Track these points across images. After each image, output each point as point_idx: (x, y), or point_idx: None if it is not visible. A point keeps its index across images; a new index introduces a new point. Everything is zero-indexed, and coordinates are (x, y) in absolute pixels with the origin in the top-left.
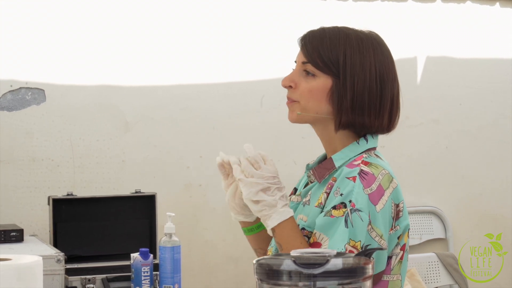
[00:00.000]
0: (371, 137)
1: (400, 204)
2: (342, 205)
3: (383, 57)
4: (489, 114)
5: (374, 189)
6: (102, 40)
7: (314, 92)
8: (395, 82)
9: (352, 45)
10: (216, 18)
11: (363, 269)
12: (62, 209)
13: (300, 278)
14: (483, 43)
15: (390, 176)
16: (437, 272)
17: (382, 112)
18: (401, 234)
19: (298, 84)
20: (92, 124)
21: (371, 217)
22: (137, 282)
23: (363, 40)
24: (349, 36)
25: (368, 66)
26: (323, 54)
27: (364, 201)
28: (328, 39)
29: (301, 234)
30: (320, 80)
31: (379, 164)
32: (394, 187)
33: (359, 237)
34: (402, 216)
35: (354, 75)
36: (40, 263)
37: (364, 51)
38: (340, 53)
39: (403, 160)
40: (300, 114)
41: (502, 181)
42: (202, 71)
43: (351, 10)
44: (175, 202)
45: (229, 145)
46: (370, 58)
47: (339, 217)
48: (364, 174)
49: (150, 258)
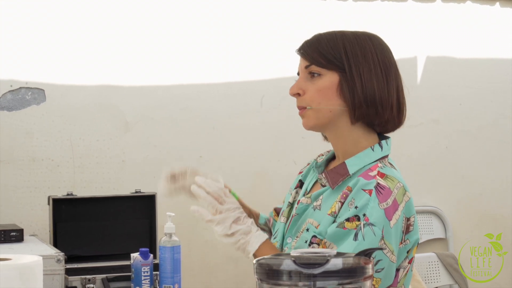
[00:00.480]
0: (386, 143)
1: (411, 218)
2: (356, 218)
3: (382, 47)
4: (489, 114)
5: (389, 204)
6: (102, 40)
7: (323, 91)
8: (398, 71)
9: (350, 40)
10: (216, 18)
11: (363, 269)
12: (62, 209)
13: (300, 278)
14: (483, 43)
15: (404, 190)
16: (437, 272)
17: (391, 100)
18: (410, 248)
19: (305, 89)
20: (92, 124)
21: (385, 232)
22: (137, 282)
23: (359, 35)
24: (344, 33)
25: (370, 55)
26: (324, 52)
27: (379, 216)
28: (325, 39)
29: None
30: (326, 77)
31: (394, 176)
32: (407, 200)
33: None
34: (413, 230)
35: (358, 65)
36: (40, 263)
37: (362, 43)
38: (340, 48)
39: (403, 160)
40: (314, 119)
41: (502, 181)
42: (202, 71)
43: (351, 10)
44: (175, 202)
45: (229, 145)
46: (370, 48)
47: (351, 230)
48: (380, 188)
49: (150, 258)
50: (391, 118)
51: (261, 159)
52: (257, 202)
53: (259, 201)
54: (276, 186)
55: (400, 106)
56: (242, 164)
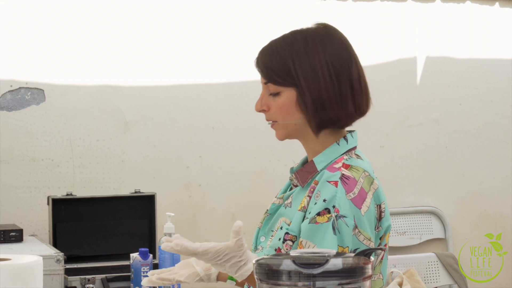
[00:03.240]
0: (351, 136)
1: (382, 205)
2: (326, 211)
3: (333, 48)
4: (489, 114)
5: (356, 193)
6: (102, 40)
7: (284, 108)
8: (353, 66)
9: (298, 51)
10: (216, 18)
11: (362, 269)
12: (61, 209)
13: (299, 278)
14: (483, 43)
15: (370, 178)
16: (437, 272)
17: (344, 100)
18: (383, 235)
19: (269, 105)
20: (92, 124)
21: (357, 221)
22: (137, 282)
23: (308, 41)
24: (295, 42)
25: (318, 65)
26: (276, 70)
27: (347, 207)
28: (276, 54)
29: None
30: (285, 94)
31: (359, 166)
32: (376, 188)
33: (346, 242)
34: (384, 217)
35: (307, 79)
36: (40, 263)
37: (310, 52)
38: (289, 63)
39: (403, 160)
40: (283, 132)
41: (502, 181)
42: (202, 71)
43: (351, 10)
44: (174, 202)
45: (229, 145)
46: (319, 56)
47: (324, 223)
48: (345, 178)
49: (150, 258)
50: (350, 115)
51: (261, 159)
52: (257, 202)
53: (259, 201)
54: (276, 186)
55: (356, 101)
56: (242, 164)
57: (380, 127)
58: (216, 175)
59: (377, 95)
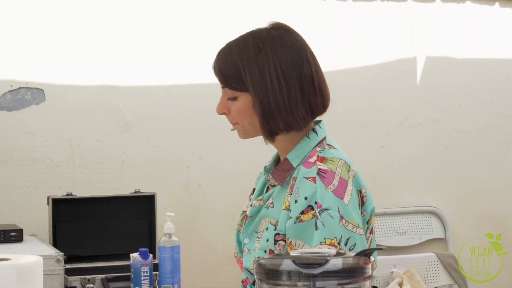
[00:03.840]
0: (319, 127)
1: (362, 189)
2: (310, 208)
3: (283, 51)
4: (489, 114)
5: (336, 184)
6: (102, 40)
7: (242, 112)
8: (304, 66)
9: (248, 56)
10: (216, 18)
11: (362, 269)
12: (61, 209)
13: (299, 278)
14: (483, 43)
15: (347, 165)
16: (437, 272)
17: (293, 105)
18: (369, 219)
19: (229, 109)
20: (92, 124)
21: (342, 211)
22: (137, 282)
23: (259, 44)
24: (246, 45)
25: (267, 70)
26: (230, 75)
27: (330, 199)
28: (229, 59)
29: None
30: (241, 99)
31: (334, 156)
32: (353, 174)
33: (333, 234)
34: (367, 201)
35: (255, 84)
36: (40, 263)
37: (260, 56)
38: (240, 68)
39: (403, 160)
40: (244, 133)
41: (502, 181)
42: (202, 71)
43: (351, 10)
44: (174, 202)
45: (229, 145)
46: (268, 60)
47: (310, 220)
48: (322, 172)
49: (150, 258)
50: (302, 118)
51: (261, 159)
52: None
53: None
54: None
55: (310, 103)
56: (242, 164)
57: (380, 127)
58: (216, 175)
59: (377, 95)
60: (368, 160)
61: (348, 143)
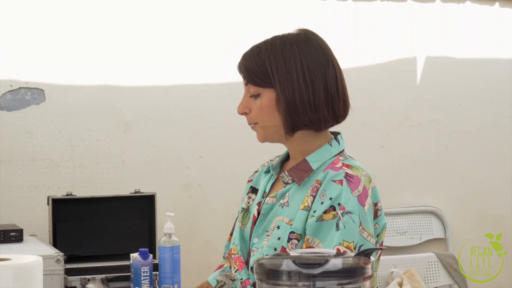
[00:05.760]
0: (340, 137)
1: (378, 203)
2: (332, 209)
3: (310, 52)
4: (489, 114)
5: (361, 191)
6: (102, 40)
7: (265, 109)
8: (330, 70)
9: (275, 53)
10: (217, 18)
11: (362, 269)
12: (61, 209)
13: (299, 278)
14: (483, 43)
15: (369, 177)
16: (437, 272)
17: (317, 104)
18: (380, 232)
19: (250, 107)
20: (92, 124)
21: (361, 218)
22: (137, 282)
23: (286, 44)
24: (274, 44)
25: (293, 67)
26: (255, 71)
27: (354, 204)
28: (256, 56)
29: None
30: (264, 96)
31: (358, 166)
32: (373, 187)
33: (352, 238)
34: (381, 215)
35: (282, 81)
36: (40, 263)
37: (287, 54)
38: (267, 64)
39: (403, 160)
40: (264, 134)
41: (502, 181)
42: (202, 71)
43: (351, 10)
44: (174, 202)
45: (229, 145)
46: (295, 58)
47: (330, 220)
48: (350, 177)
49: (150, 258)
50: (323, 120)
51: (261, 159)
52: None
53: None
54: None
55: (334, 106)
56: (242, 164)
57: (380, 127)
58: (216, 175)
59: (377, 95)
60: (368, 160)
61: (348, 143)
